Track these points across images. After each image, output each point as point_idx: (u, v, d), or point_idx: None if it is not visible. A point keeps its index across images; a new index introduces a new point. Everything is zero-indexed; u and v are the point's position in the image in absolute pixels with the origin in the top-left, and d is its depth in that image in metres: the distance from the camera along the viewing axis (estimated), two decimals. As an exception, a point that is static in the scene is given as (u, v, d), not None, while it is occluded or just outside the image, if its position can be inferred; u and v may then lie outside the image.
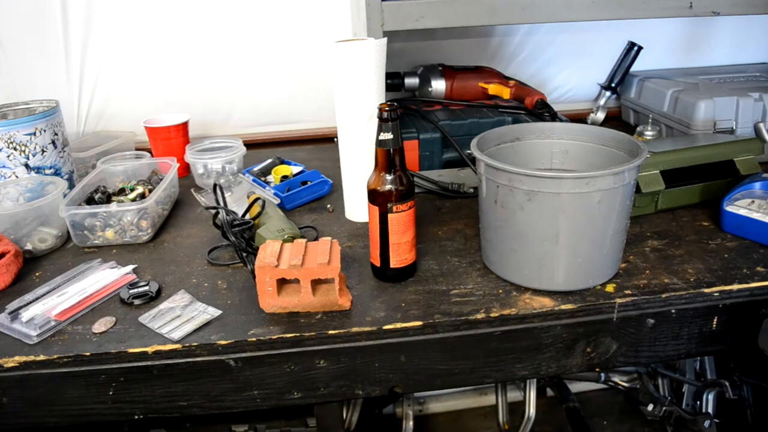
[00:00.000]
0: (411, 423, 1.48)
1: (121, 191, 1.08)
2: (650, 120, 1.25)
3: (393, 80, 1.31)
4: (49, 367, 0.72)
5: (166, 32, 1.37)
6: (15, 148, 1.04)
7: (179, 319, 0.77)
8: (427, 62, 1.42)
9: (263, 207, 0.96)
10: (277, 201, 1.06)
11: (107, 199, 1.05)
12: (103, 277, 0.86)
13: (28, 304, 0.80)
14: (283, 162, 1.22)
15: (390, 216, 0.79)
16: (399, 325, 0.74)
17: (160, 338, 0.74)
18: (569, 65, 1.51)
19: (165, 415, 0.77)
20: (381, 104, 0.76)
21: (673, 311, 0.78)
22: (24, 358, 0.72)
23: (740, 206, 0.90)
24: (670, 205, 1.00)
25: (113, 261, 0.92)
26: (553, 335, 0.77)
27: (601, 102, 1.46)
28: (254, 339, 0.73)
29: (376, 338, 0.74)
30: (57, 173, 1.10)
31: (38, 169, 1.07)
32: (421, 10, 1.01)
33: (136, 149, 1.29)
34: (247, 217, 0.95)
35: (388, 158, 0.78)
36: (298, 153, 1.41)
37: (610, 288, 0.79)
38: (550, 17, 1.05)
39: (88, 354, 0.72)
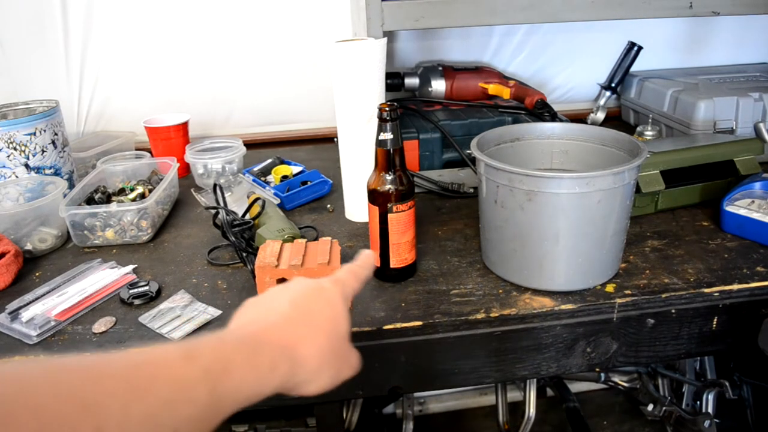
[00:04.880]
0: (411, 423, 1.48)
1: (121, 191, 1.08)
2: (650, 120, 1.25)
3: (393, 80, 1.31)
4: (49, 367, 0.72)
5: (166, 33, 1.37)
6: (15, 148, 1.04)
7: (179, 319, 0.77)
8: (427, 62, 1.42)
9: (263, 207, 0.96)
10: (277, 201, 1.06)
11: (107, 199, 1.05)
12: (103, 277, 0.86)
13: (28, 304, 0.80)
14: (283, 162, 1.22)
15: (390, 216, 0.79)
16: (399, 325, 0.74)
17: (160, 338, 0.74)
18: (569, 65, 1.51)
19: (165, 415, 0.77)
20: (381, 104, 0.76)
21: (673, 311, 0.78)
22: (24, 358, 0.72)
23: (740, 206, 0.91)
24: (670, 205, 1.00)
25: (113, 261, 0.92)
26: (553, 335, 0.77)
27: (601, 102, 1.46)
28: (254, 339, 0.73)
29: (376, 338, 0.74)
30: (57, 173, 1.10)
31: (38, 169, 1.07)
32: (421, 10, 1.01)
33: (136, 149, 1.29)
34: (247, 217, 0.95)
35: (388, 158, 0.78)
36: (298, 153, 1.41)
37: (610, 288, 0.79)
38: (550, 17, 1.05)
39: (88, 354, 0.72)
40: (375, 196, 0.79)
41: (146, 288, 0.83)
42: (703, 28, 1.50)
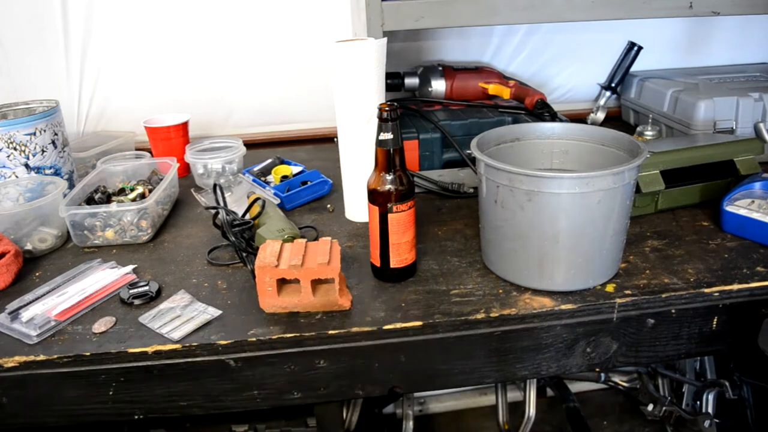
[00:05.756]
0: (411, 423, 1.48)
1: (121, 191, 1.08)
2: (650, 120, 1.25)
3: (393, 80, 1.31)
4: (49, 367, 0.72)
5: (166, 33, 1.37)
6: (15, 148, 1.04)
7: (179, 319, 0.77)
8: (427, 62, 1.42)
9: (263, 207, 0.96)
10: (277, 201, 1.06)
11: (107, 199, 1.05)
12: (103, 277, 0.86)
13: (28, 304, 0.80)
14: (283, 162, 1.22)
15: (390, 216, 0.79)
16: (399, 325, 0.74)
17: (160, 338, 0.74)
18: (569, 65, 1.51)
19: (165, 415, 0.77)
20: (381, 104, 0.76)
21: (673, 311, 0.78)
22: (24, 358, 0.72)
23: (740, 206, 0.90)
24: (670, 205, 1.00)
25: (113, 261, 0.92)
26: (553, 335, 0.77)
27: (601, 102, 1.46)
28: (254, 339, 0.73)
29: (376, 338, 0.74)
30: (57, 173, 1.10)
31: (38, 169, 1.07)
32: (421, 10, 1.01)
33: (136, 149, 1.29)
34: (247, 217, 0.95)
35: (388, 158, 0.78)
36: (298, 153, 1.41)
37: (610, 288, 0.79)
38: (550, 17, 1.05)
39: (88, 354, 0.72)
40: (375, 196, 0.79)
41: (146, 288, 0.83)
42: (703, 28, 1.50)
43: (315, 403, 0.86)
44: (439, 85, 1.29)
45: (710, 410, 1.29)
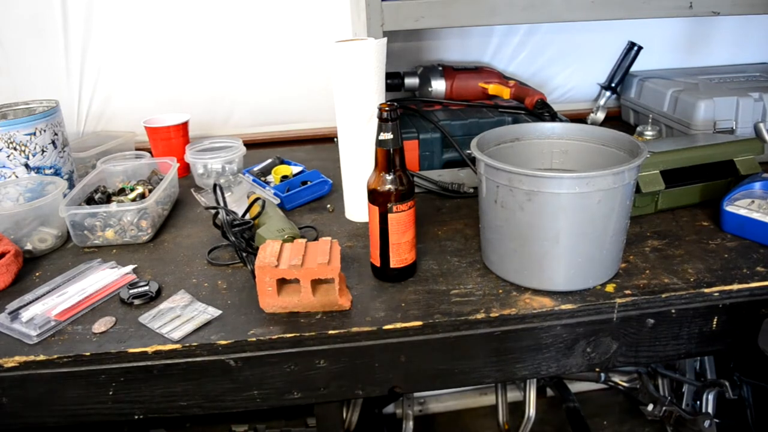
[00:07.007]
0: (411, 423, 1.48)
1: (121, 191, 1.08)
2: (650, 120, 1.25)
3: (393, 80, 1.31)
4: (49, 367, 0.72)
5: (166, 32, 1.37)
6: (15, 148, 1.04)
7: (179, 319, 0.77)
8: (427, 62, 1.42)
9: (263, 207, 0.96)
10: (277, 201, 1.06)
11: (107, 199, 1.05)
12: (103, 277, 0.86)
13: (28, 304, 0.80)
14: (283, 162, 1.22)
15: (390, 216, 0.79)
16: (399, 325, 0.74)
17: (160, 338, 0.74)
18: (569, 65, 1.51)
19: (165, 415, 0.77)
20: (381, 104, 0.76)
21: (673, 311, 0.78)
22: (24, 358, 0.72)
23: (740, 206, 0.90)
24: (670, 205, 1.00)
25: (113, 261, 0.92)
26: (553, 335, 0.77)
27: (601, 102, 1.46)
28: (254, 339, 0.73)
29: (376, 338, 0.74)
30: (57, 173, 1.10)
31: (38, 169, 1.07)
32: (421, 10, 1.01)
33: (136, 149, 1.29)
34: (247, 217, 0.95)
35: (388, 158, 0.78)
36: (298, 153, 1.41)
37: (610, 288, 0.79)
38: (550, 17, 1.05)
39: (88, 354, 0.72)
40: (375, 196, 0.79)
41: (146, 288, 0.83)
42: (703, 28, 1.50)
43: (315, 403, 0.86)
44: (439, 85, 1.29)
45: (710, 410, 1.29)
